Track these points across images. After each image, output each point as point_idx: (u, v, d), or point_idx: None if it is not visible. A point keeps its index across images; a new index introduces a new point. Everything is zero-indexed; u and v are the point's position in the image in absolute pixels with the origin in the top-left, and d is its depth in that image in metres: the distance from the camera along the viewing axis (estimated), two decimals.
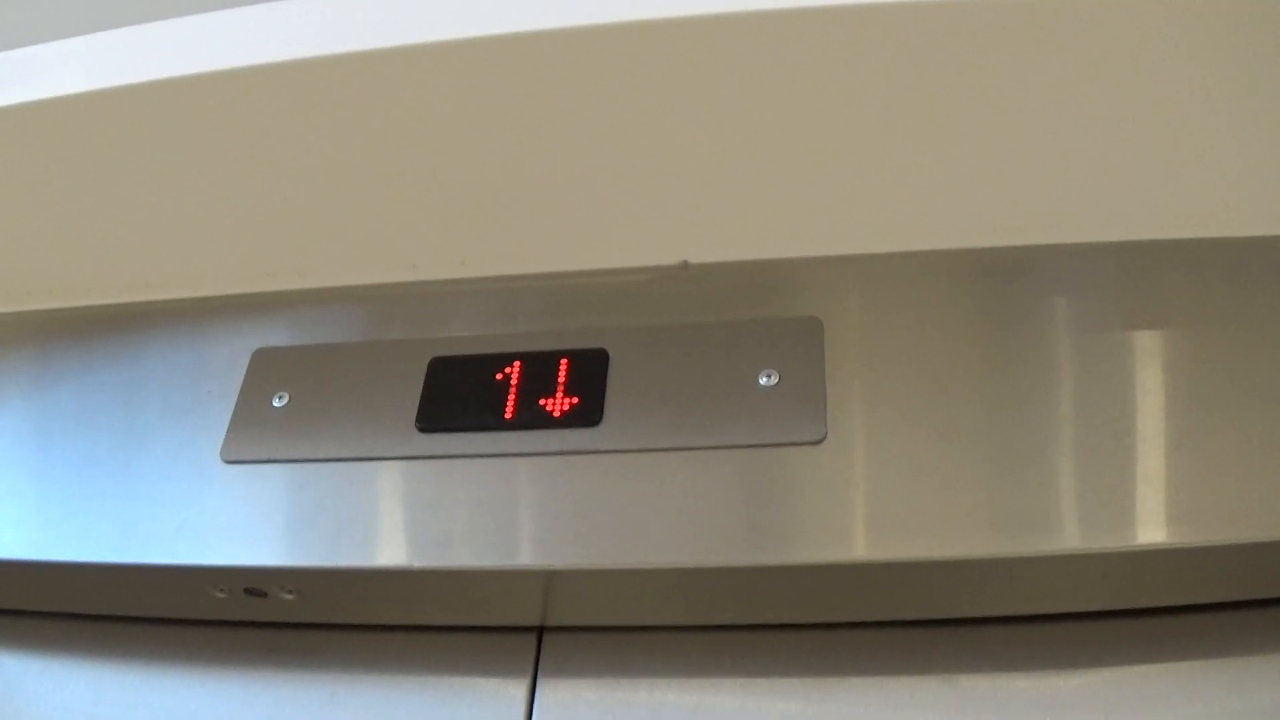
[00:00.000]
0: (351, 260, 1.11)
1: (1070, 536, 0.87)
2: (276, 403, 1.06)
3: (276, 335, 1.11)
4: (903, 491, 0.90)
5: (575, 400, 0.99)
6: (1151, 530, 0.87)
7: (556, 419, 0.99)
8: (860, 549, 0.89)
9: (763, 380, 0.97)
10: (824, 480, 0.92)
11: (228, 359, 1.10)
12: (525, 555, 0.94)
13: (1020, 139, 0.96)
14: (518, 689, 0.99)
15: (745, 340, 1.00)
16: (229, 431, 1.05)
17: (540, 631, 1.01)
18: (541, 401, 1.00)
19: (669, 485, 0.94)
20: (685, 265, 1.05)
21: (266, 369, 1.08)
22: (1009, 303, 0.98)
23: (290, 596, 1.01)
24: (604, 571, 0.93)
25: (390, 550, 0.97)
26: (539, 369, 1.02)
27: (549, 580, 0.95)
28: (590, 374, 1.00)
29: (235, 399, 1.07)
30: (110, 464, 1.06)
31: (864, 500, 0.91)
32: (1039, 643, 0.93)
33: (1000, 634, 0.94)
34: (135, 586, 1.05)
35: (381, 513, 0.99)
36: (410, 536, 0.98)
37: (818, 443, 0.94)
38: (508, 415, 1.00)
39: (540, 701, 0.98)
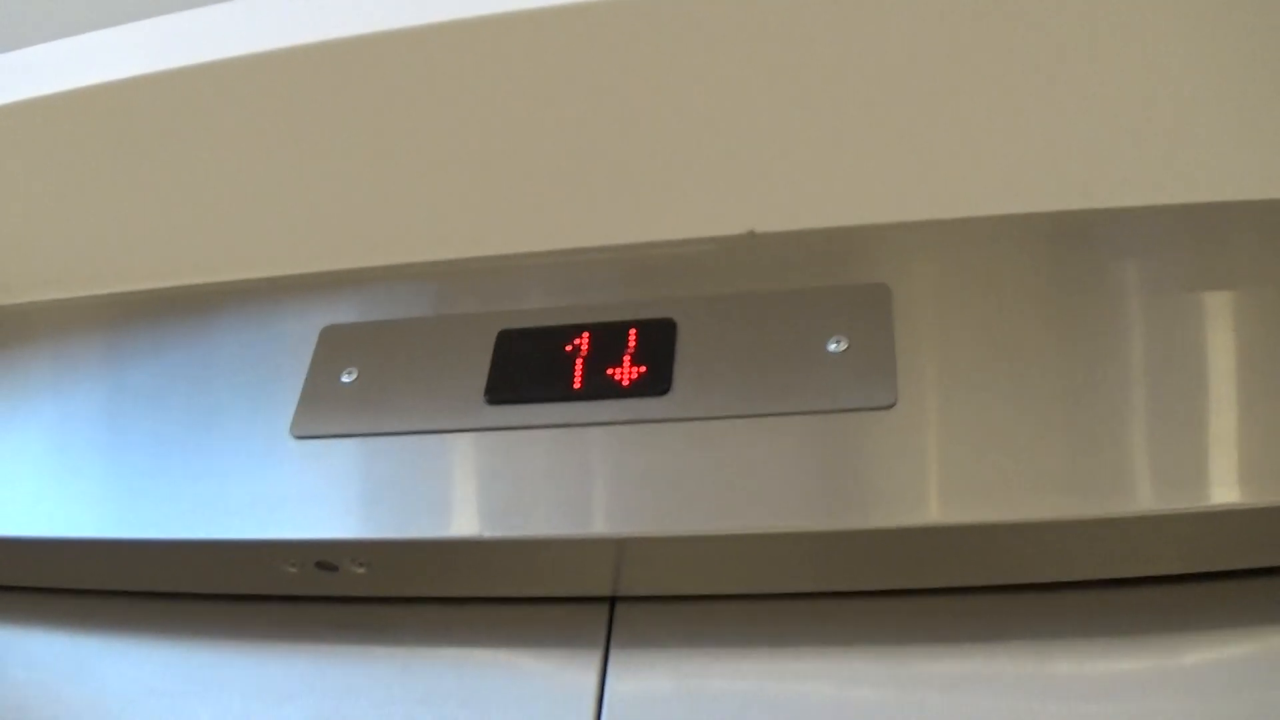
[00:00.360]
0: (418, 236, 1.12)
1: (1144, 498, 0.86)
2: (345, 378, 1.06)
3: (344, 312, 1.11)
4: (975, 455, 0.89)
5: (644, 369, 0.99)
6: (1225, 490, 0.86)
7: (625, 388, 0.99)
8: (933, 513, 0.89)
9: (831, 346, 0.97)
10: (895, 445, 0.92)
11: (297, 337, 1.11)
12: (596, 524, 0.94)
13: (1089, 101, 0.95)
14: (590, 660, 0.98)
15: (813, 307, 0.99)
16: (299, 407, 1.06)
17: (612, 602, 1.01)
18: (610, 371, 1.00)
19: (739, 452, 0.94)
20: (752, 234, 1.05)
21: (335, 345, 1.09)
22: (1078, 266, 0.97)
23: (361, 570, 1.01)
24: (675, 539, 0.93)
25: (461, 521, 0.97)
26: (607, 339, 1.02)
27: (620, 549, 0.95)
28: (658, 343, 1.00)
29: (304, 376, 1.07)
30: (182, 442, 1.08)
31: (936, 464, 0.91)
32: (1115, 608, 0.92)
33: (1075, 599, 0.93)
34: (207, 563, 1.06)
35: (452, 484, 1.00)
36: (481, 507, 0.98)
37: (888, 408, 0.93)
38: (576, 385, 1.00)
39: (613, 672, 0.98)
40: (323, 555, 1.00)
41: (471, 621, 1.03)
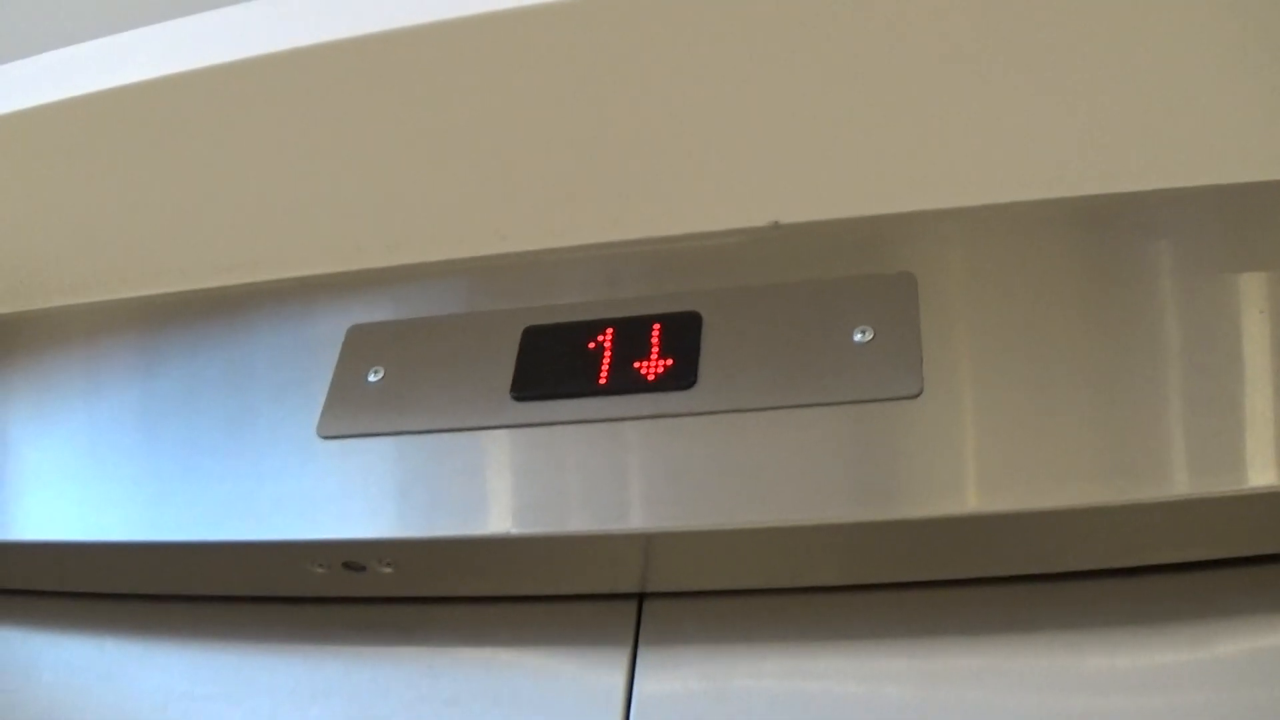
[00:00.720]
0: (442, 234, 1.12)
1: (1178, 482, 0.85)
2: (372, 377, 1.06)
3: (370, 311, 1.11)
4: (1003, 443, 0.88)
5: (669, 363, 0.99)
6: (1261, 473, 0.84)
7: (651, 382, 0.98)
8: (962, 502, 0.88)
9: (857, 337, 0.96)
10: (922, 434, 0.90)
11: (323, 337, 1.11)
12: (624, 519, 0.93)
13: (1114, 83, 0.94)
14: (619, 656, 0.98)
15: (839, 298, 0.99)
16: (325, 407, 1.06)
17: (640, 598, 1.01)
18: (636, 365, 0.99)
19: (766, 444, 0.93)
20: (776, 225, 1.05)
21: (361, 345, 1.09)
22: (1107, 251, 0.96)
23: (389, 570, 1.01)
24: (703, 533, 0.92)
25: (489, 519, 0.97)
26: (632, 334, 1.01)
27: (648, 544, 0.95)
28: (684, 337, 1.00)
29: (331, 375, 1.07)
30: (209, 444, 1.08)
31: (964, 453, 0.90)
32: (1150, 596, 0.91)
33: (1106, 588, 0.92)
34: (234, 564, 1.06)
35: (479, 482, 0.99)
36: (508, 504, 0.97)
37: (915, 397, 0.92)
38: (602, 380, 1.00)
39: (641, 669, 0.97)
40: (350, 555, 1.00)
41: (499, 621, 1.02)
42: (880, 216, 1.03)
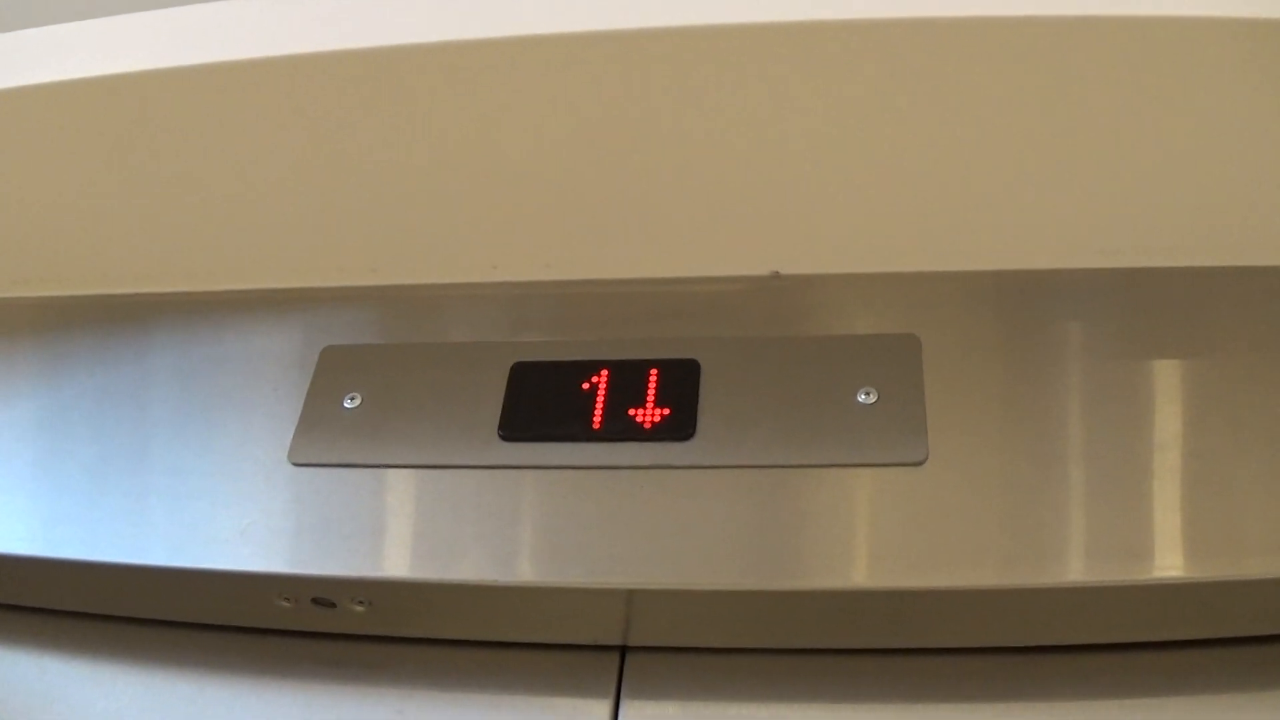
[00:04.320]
0: (430, 259, 1.08)
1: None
2: (348, 404, 1.02)
3: (347, 332, 1.07)
4: (1005, 514, 0.89)
5: (667, 412, 0.96)
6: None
7: (647, 430, 0.96)
8: (956, 575, 0.88)
9: (861, 398, 0.95)
10: (925, 503, 0.90)
11: (295, 355, 1.06)
12: (610, 573, 0.91)
13: (1119, 161, 0.95)
14: (600, 710, 0.95)
15: (842, 356, 0.97)
16: (297, 432, 1.01)
17: (623, 651, 0.98)
18: (631, 412, 0.97)
19: (766, 504, 0.91)
20: (776, 276, 1.03)
21: (336, 368, 1.04)
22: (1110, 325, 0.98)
23: (361, 608, 0.97)
24: (691, 592, 0.90)
25: (469, 563, 0.94)
26: (628, 378, 0.98)
27: (633, 599, 0.92)
28: (682, 385, 0.97)
29: (303, 398, 1.03)
30: (171, 462, 1.02)
31: (967, 524, 0.89)
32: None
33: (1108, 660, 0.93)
34: (194, 591, 1.01)
35: (461, 523, 0.96)
36: (491, 549, 0.94)
37: (920, 464, 0.91)
38: (595, 425, 0.97)
39: None
40: (319, 591, 0.96)
41: (475, 665, 0.99)
42: (880, 274, 1.02)
